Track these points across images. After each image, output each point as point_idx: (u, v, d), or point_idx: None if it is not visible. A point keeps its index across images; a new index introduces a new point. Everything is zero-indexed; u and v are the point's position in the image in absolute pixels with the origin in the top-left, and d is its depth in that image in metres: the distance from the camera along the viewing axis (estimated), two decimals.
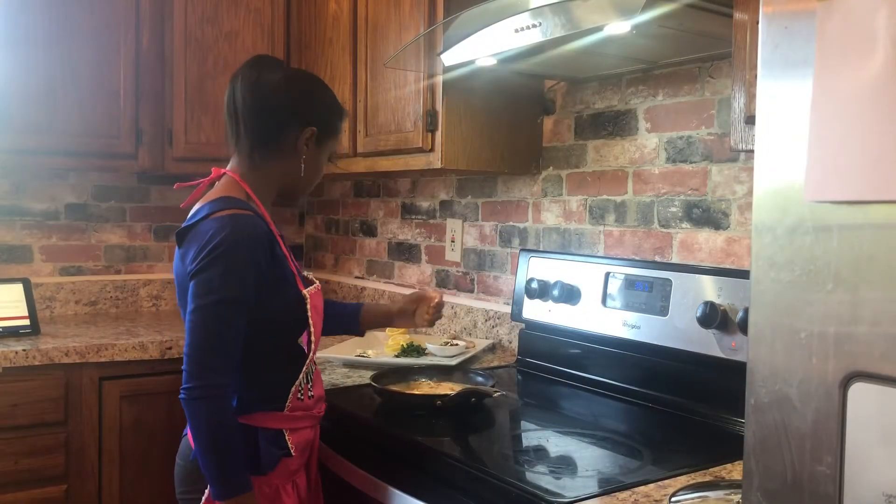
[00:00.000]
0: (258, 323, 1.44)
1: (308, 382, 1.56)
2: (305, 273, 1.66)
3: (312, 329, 1.52)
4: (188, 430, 1.54)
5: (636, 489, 1.25)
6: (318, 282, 1.64)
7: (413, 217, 2.86)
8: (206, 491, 1.45)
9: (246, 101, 1.49)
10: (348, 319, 1.86)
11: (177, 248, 1.48)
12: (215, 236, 1.38)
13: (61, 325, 2.65)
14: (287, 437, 1.51)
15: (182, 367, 1.38)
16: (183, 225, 1.47)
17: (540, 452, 1.51)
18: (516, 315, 2.20)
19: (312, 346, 1.53)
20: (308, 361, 1.53)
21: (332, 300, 1.87)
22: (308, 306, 1.51)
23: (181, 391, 1.37)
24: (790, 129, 0.72)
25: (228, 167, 1.56)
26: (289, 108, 1.52)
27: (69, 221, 2.95)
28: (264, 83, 1.50)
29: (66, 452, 2.29)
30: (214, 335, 1.37)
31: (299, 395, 1.53)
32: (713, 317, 1.63)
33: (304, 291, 1.52)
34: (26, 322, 2.46)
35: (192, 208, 1.52)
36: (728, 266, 1.77)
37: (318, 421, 1.62)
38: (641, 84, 2.00)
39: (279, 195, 1.60)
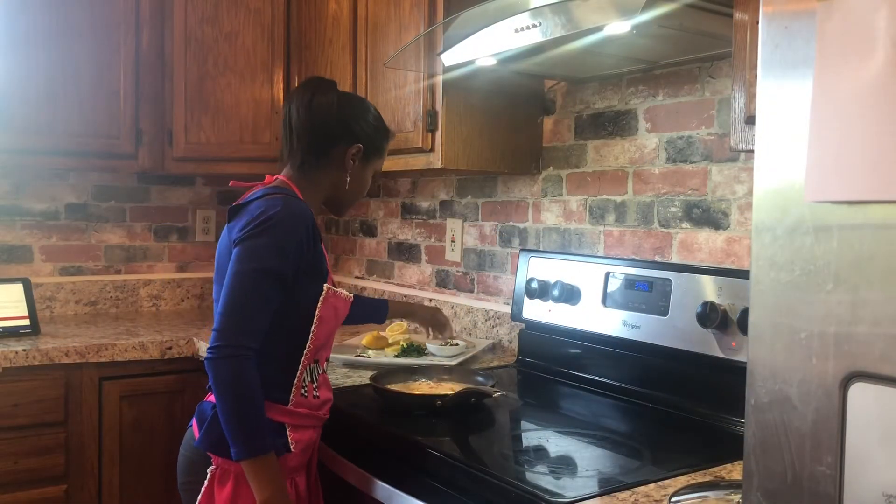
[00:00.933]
0: (284, 304, 1.48)
1: (314, 382, 1.57)
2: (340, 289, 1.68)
3: (316, 321, 1.53)
4: (193, 421, 1.55)
5: (636, 489, 1.25)
6: (351, 295, 1.65)
7: (413, 217, 2.86)
8: (206, 480, 1.48)
9: (300, 117, 1.60)
10: (375, 312, 2.08)
11: (226, 225, 1.57)
12: (266, 212, 1.47)
13: (61, 325, 2.65)
14: (288, 433, 1.51)
15: (213, 328, 1.43)
16: (236, 203, 1.57)
17: (540, 452, 1.51)
18: (516, 315, 2.20)
19: (312, 337, 1.53)
20: (306, 353, 1.53)
21: (361, 296, 2.08)
22: (321, 300, 1.53)
23: (208, 350, 1.41)
24: (790, 129, 0.72)
25: (282, 174, 1.65)
26: (337, 126, 1.63)
27: (69, 221, 2.95)
28: (316, 102, 1.61)
29: (66, 452, 2.29)
30: (249, 301, 1.43)
31: (303, 392, 1.54)
32: (713, 317, 1.63)
33: (327, 286, 1.55)
34: (26, 322, 2.46)
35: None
36: (728, 266, 1.77)
37: (322, 423, 1.62)
38: (641, 84, 2.00)
39: (326, 205, 1.71)
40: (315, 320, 1.53)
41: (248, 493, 1.47)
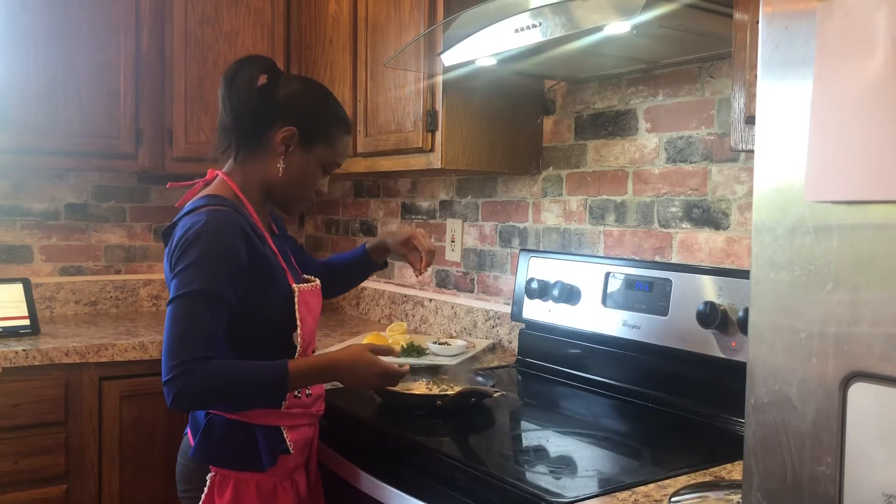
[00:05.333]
0: (248, 317, 1.44)
1: None
2: (306, 275, 1.65)
3: (299, 325, 1.51)
4: (188, 429, 1.54)
5: (636, 489, 1.25)
6: (317, 280, 1.63)
7: (413, 217, 2.86)
8: (206, 488, 1.46)
9: (231, 98, 1.49)
10: (362, 262, 1.88)
11: (165, 249, 1.48)
12: (188, 232, 1.38)
13: (61, 325, 2.65)
14: (285, 434, 1.51)
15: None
16: (168, 224, 1.48)
17: (540, 452, 1.51)
18: (516, 315, 2.20)
19: (299, 340, 1.52)
20: (297, 357, 1.52)
21: (336, 256, 1.93)
22: (296, 301, 1.50)
23: (164, 387, 1.32)
24: (790, 129, 0.72)
25: (223, 168, 1.57)
26: (268, 106, 1.51)
27: (69, 221, 2.95)
28: (239, 79, 1.49)
29: (66, 452, 2.29)
30: (184, 325, 1.33)
31: (296, 393, 1.52)
32: (713, 317, 1.63)
33: (294, 286, 1.51)
34: (26, 322, 2.46)
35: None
36: (728, 266, 1.77)
37: (317, 419, 1.62)
38: (641, 84, 2.00)
39: (271, 201, 1.59)
40: (299, 323, 1.51)
41: (248, 497, 1.46)
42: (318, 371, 1.46)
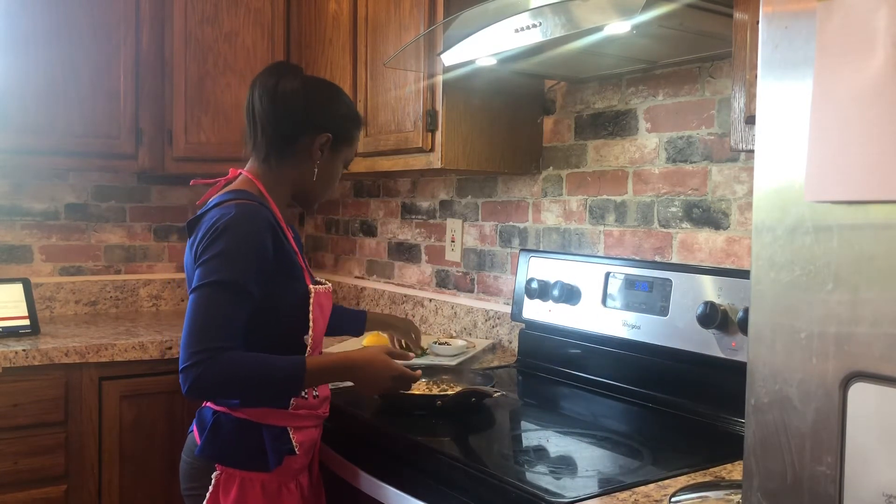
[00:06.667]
0: (265, 312, 1.45)
1: None
2: (318, 278, 1.67)
3: (312, 326, 1.52)
4: (194, 427, 1.55)
5: (636, 489, 1.25)
6: (329, 284, 1.65)
7: (413, 217, 2.86)
8: (211, 486, 1.46)
9: (263, 106, 1.53)
10: (353, 321, 1.99)
11: (188, 241, 1.50)
12: (217, 223, 1.40)
13: (61, 325, 2.65)
14: (291, 435, 1.51)
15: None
16: (193, 216, 1.50)
17: (540, 452, 1.51)
18: (516, 315, 2.20)
19: (310, 342, 1.52)
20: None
21: (339, 305, 1.98)
22: (311, 302, 1.51)
23: (180, 374, 1.32)
24: (790, 129, 0.72)
25: (246, 167, 1.59)
26: (305, 114, 1.55)
27: (69, 221, 2.95)
28: (282, 89, 1.53)
29: (66, 452, 2.29)
30: (207, 314, 1.35)
31: (304, 394, 1.53)
32: (713, 317, 1.63)
33: (311, 287, 1.52)
34: (26, 322, 2.46)
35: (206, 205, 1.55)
36: (728, 266, 1.77)
37: (322, 421, 1.62)
38: (641, 84, 2.00)
39: (294, 199, 1.63)
40: (312, 324, 1.51)
41: (253, 497, 1.47)
42: (334, 369, 1.48)
